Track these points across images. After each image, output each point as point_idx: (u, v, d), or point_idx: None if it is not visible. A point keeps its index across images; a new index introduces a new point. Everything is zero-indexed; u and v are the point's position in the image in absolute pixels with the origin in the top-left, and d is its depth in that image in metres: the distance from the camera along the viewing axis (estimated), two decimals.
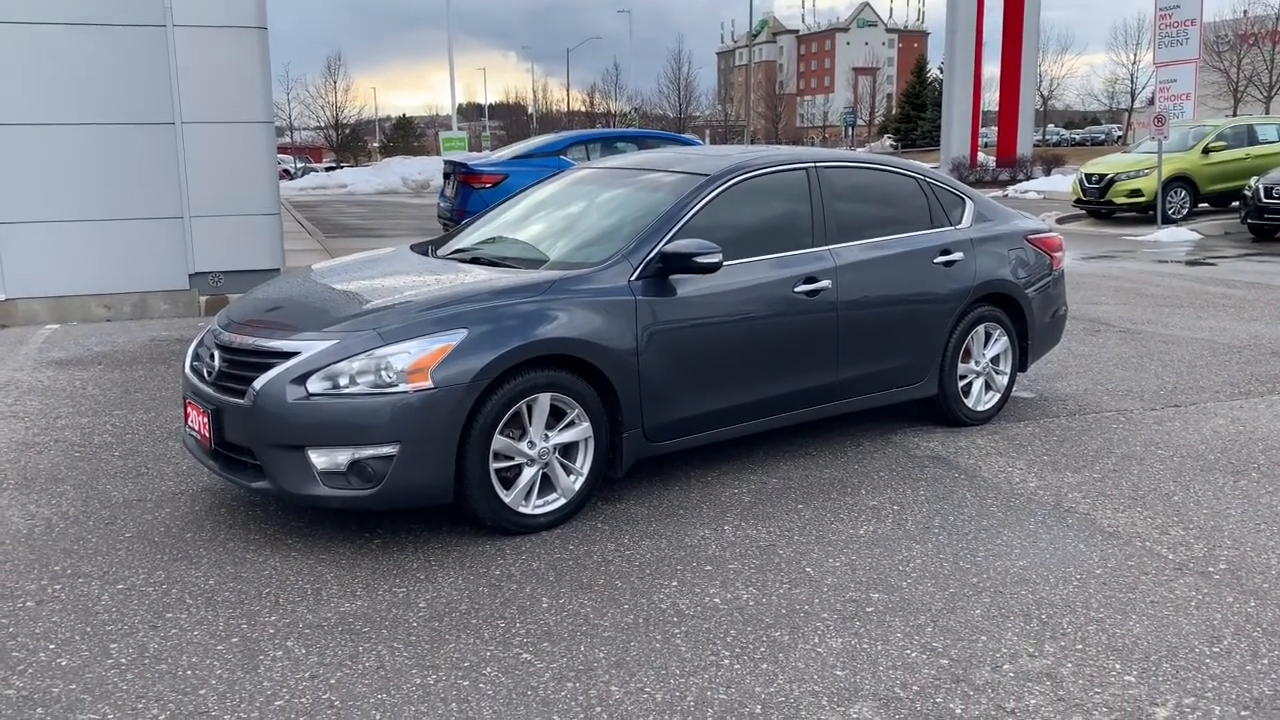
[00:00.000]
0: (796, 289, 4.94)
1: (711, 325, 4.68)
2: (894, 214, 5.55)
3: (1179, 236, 16.68)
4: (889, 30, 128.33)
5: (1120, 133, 72.04)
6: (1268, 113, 41.32)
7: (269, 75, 9.40)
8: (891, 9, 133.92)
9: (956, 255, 5.62)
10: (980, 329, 5.79)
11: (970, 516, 4.45)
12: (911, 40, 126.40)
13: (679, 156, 5.65)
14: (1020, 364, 6.09)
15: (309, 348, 4.03)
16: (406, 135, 74.67)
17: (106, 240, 9.01)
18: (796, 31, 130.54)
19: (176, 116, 9.07)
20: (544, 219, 5.39)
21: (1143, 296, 10.62)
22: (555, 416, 4.28)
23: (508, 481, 4.18)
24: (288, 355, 4.06)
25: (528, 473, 4.22)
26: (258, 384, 4.01)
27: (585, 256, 4.69)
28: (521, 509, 4.22)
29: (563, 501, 4.32)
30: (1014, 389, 6.23)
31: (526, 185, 11.01)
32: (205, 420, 4.22)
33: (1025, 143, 31.54)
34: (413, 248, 5.58)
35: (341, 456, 3.94)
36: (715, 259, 4.48)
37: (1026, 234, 6.10)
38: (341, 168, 44.33)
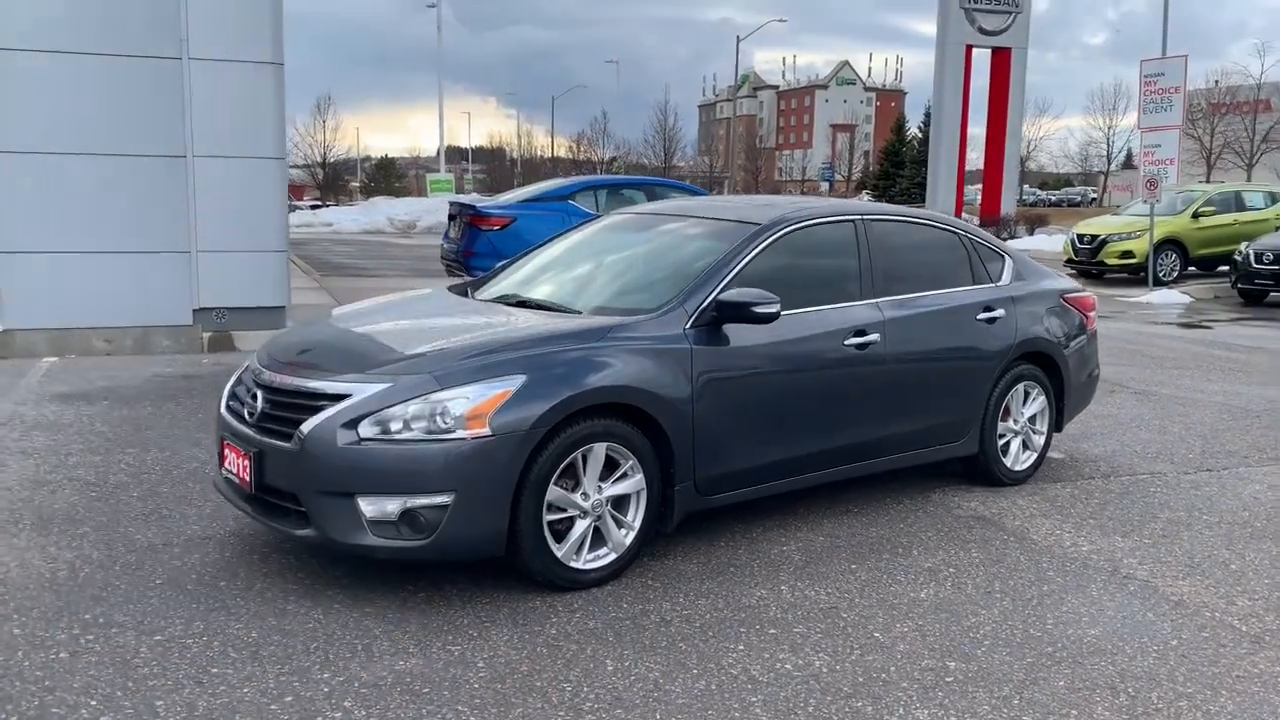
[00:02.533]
0: (846, 342, 4.85)
1: (764, 376, 4.57)
2: (938, 269, 5.49)
3: (1170, 299, 16.81)
4: (867, 89, 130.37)
5: (1095, 195, 73.25)
6: (1249, 180, 42.07)
7: (283, 111, 9.29)
8: (870, 69, 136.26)
9: (999, 312, 5.56)
10: (1019, 387, 5.72)
11: (1029, 581, 4.33)
12: (889, 99, 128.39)
13: (722, 205, 5.58)
14: (1056, 424, 6.01)
15: (361, 390, 3.88)
16: (389, 176, 74.64)
17: (110, 273, 8.81)
18: (777, 87, 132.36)
19: (188, 150, 8.93)
20: (587, 264, 5.28)
21: (1147, 358, 10.63)
22: (608, 468, 4.13)
23: (559, 535, 4.03)
24: (337, 398, 3.90)
25: (580, 526, 4.07)
26: (306, 427, 3.85)
27: (636, 303, 4.57)
28: (573, 563, 4.06)
29: (613, 557, 4.17)
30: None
31: (538, 229, 11.05)
32: (245, 463, 4.04)
33: (1009, 202, 31.91)
34: (451, 289, 5.46)
35: (392, 505, 3.78)
36: (774, 309, 4.38)
37: (1063, 293, 6.06)
38: (327, 206, 44.20)
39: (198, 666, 3.38)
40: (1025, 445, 5.83)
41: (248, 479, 4.04)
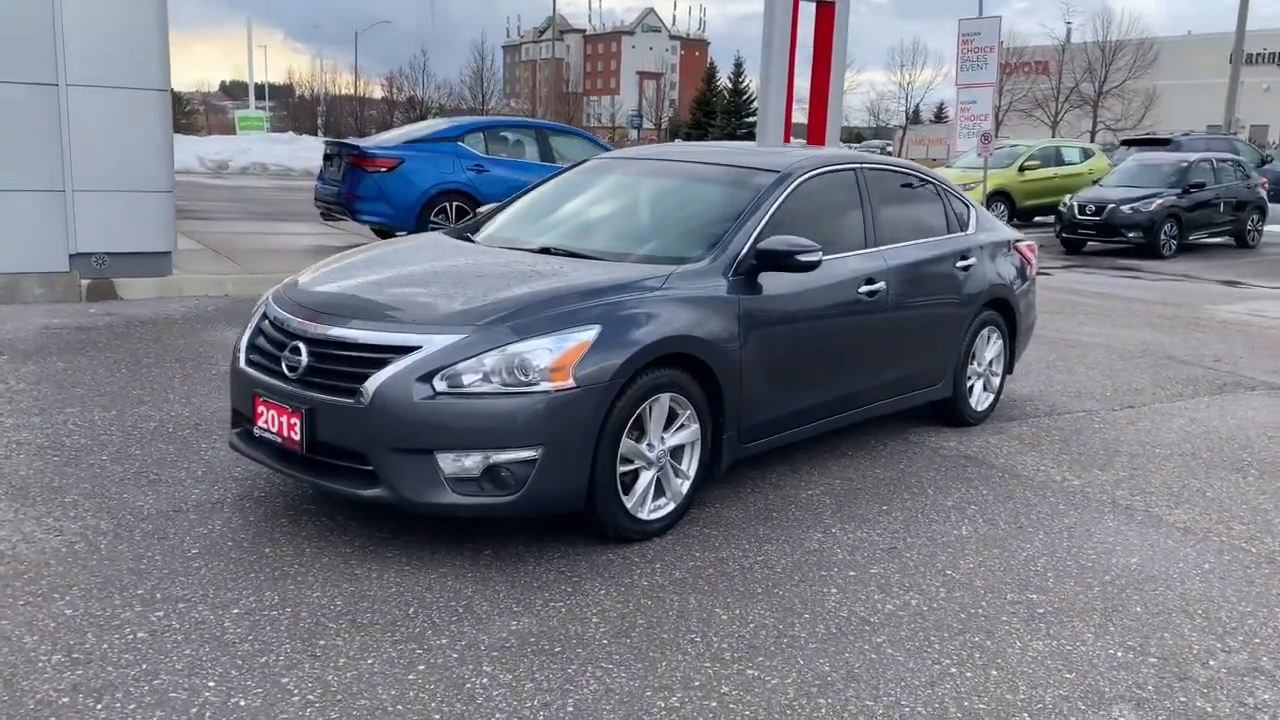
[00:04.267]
0: (860, 290, 4.94)
1: (794, 324, 4.61)
2: (922, 218, 5.65)
3: None
4: (672, 37, 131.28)
5: (891, 149, 76.70)
6: (1054, 136, 44.92)
7: (166, 38, 8.50)
8: (675, 16, 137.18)
9: (972, 260, 5.78)
10: (984, 331, 5.99)
11: (1048, 515, 4.58)
12: (693, 48, 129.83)
13: (721, 151, 5.54)
14: (1008, 366, 6.34)
15: (432, 342, 3.67)
16: (175, 111, 69.73)
17: None
18: (584, 31, 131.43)
19: (60, 78, 8.07)
20: (601, 211, 5.14)
21: None
22: (668, 419, 4.08)
23: (625, 487, 3.96)
24: (404, 350, 3.68)
25: (644, 477, 4.02)
26: (374, 382, 3.62)
27: (674, 251, 4.50)
28: (639, 514, 4.00)
29: (672, 506, 4.14)
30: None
31: (427, 171, 10.65)
32: (294, 421, 3.76)
33: None
34: (447, 233, 5.21)
35: (471, 460, 3.61)
36: (816, 257, 4.41)
37: (1013, 241, 6.36)
38: None
39: (300, 639, 3.16)
40: (985, 387, 6.12)
41: (297, 438, 3.76)
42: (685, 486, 4.18)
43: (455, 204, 10.90)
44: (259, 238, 12.29)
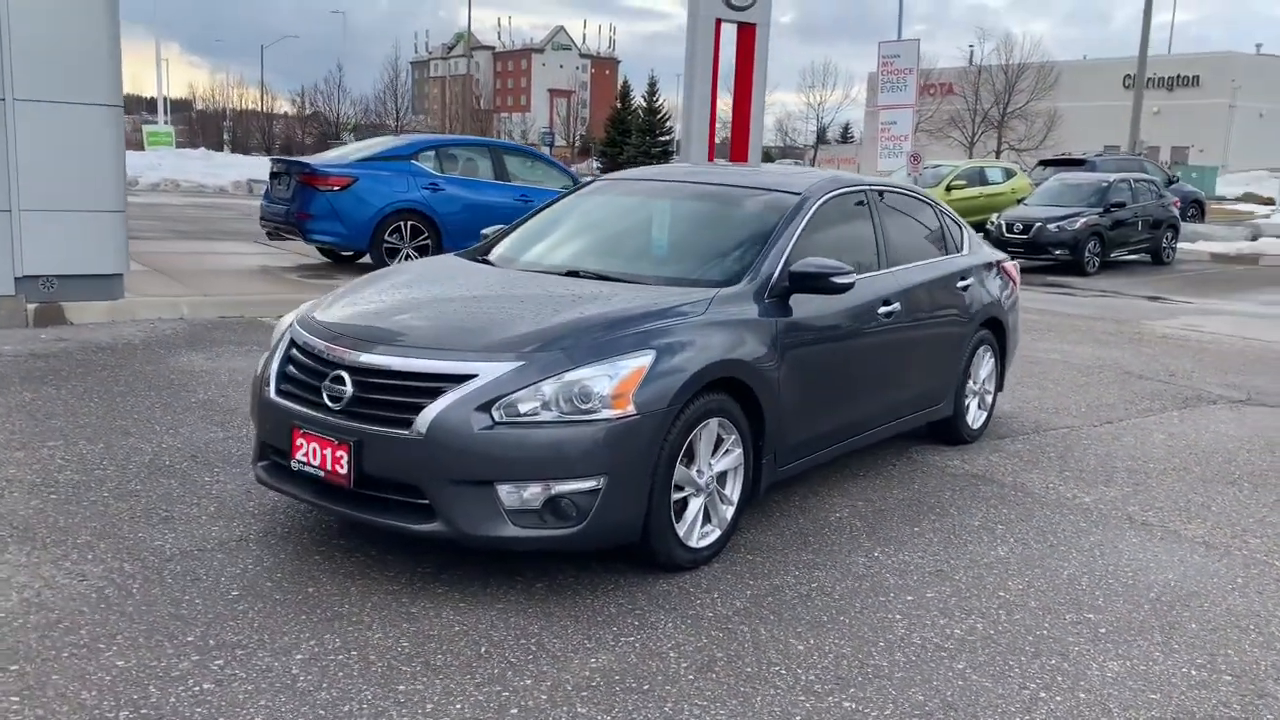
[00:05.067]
0: (879, 310, 4.96)
1: (822, 346, 4.60)
2: (923, 240, 5.71)
3: None
4: (583, 55, 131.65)
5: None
6: (969, 157, 45.90)
7: (118, 50, 8.16)
8: (585, 35, 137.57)
9: (970, 280, 5.86)
10: (980, 350, 6.07)
11: (1072, 533, 4.64)
12: (604, 66, 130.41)
13: (739, 172, 5.54)
14: (999, 383, 6.43)
15: (488, 370, 3.55)
16: None
17: None
18: (493, 48, 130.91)
19: (7, 92, 7.68)
20: (616, 232, 5.07)
21: None
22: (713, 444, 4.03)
23: (676, 514, 3.88)
24: (459, 379, 3.55)
25: (694, 504, 3.95)
26: (430, 412, 3.48)
27: (703, 274, 4.46)
28: (690, 542, 3.93)
29: (718, 534, 4.08)
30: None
31: (381, 190, 10.40)
32: (340, 454, 3.60)
33: None
34: (459, 256, 5.07)
35: (531, 492, 3.50)
36: (851, 279, 4.41)
37: (1000, 261, 6.47)
38: None
39: (377, 685, 3.01)
40: (980, 405, 6.20)
41: (344, 472, 3.60)
42: (730, 512, 4.12)
43: (410, 223, 10.70)
44: (197, 258, 11.87)
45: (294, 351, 3.98)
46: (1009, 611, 3.75)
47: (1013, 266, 6.64)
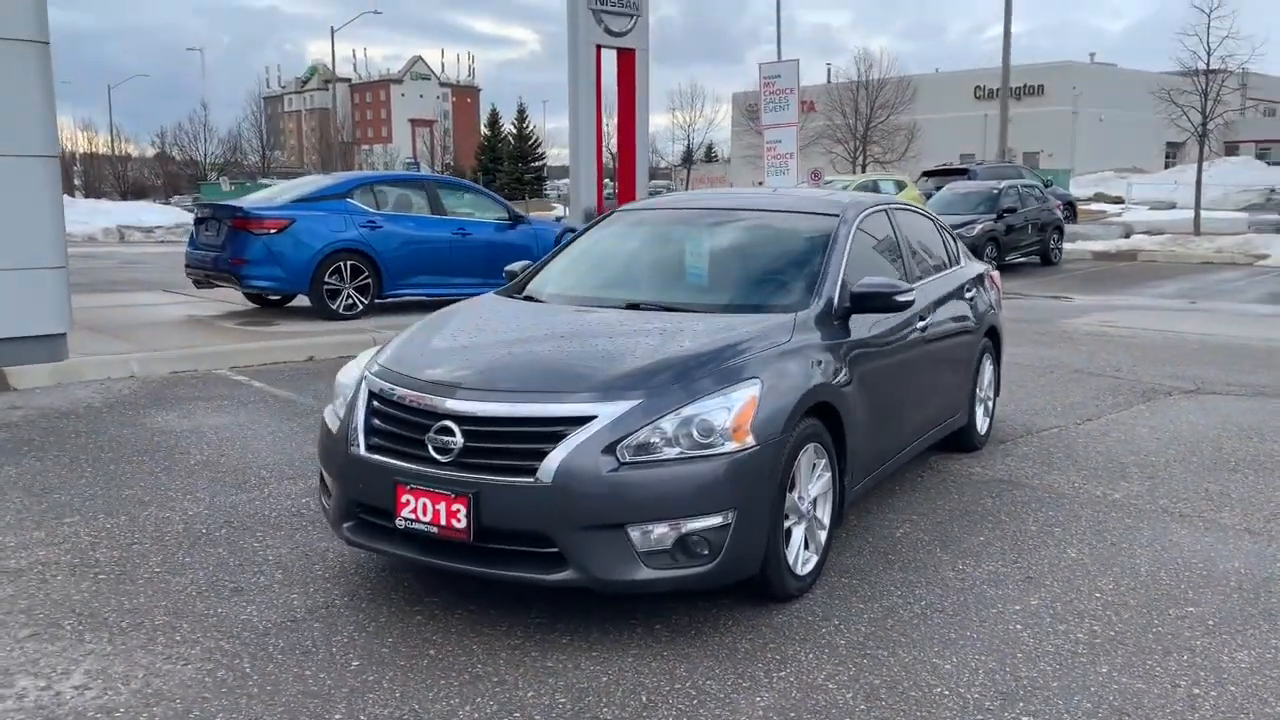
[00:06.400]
0: (917, 325, 5.04)
1: (879, 362, 4.65)
2: (934, 254, 5.84)
3: None
4: (442, 84, 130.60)
5: (674, 187, 78.82)
6: (853, 171, 46.96)
7: (53, 99, 7.70)
8: (444, 64, 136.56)
9: (974, 292, 6.02)
10: (984, 358, 6.23)
11: (1125, 530, 4.78)
12: (465, 95, 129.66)
13: (768, 196, 5.60)
14: (997, 388, 6.61)
15: (607, 410, 3.47)
16: None
17: None
18: (349, 80, 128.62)
19: None
20: (659, 263, 5.02)
21: None
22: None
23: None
24: (578, 421, 3.46)
25: (797, 532, 3.93)
26: (555, 458, 3.38)
27: (763, 300, 4.46)
28: (797, 570, 3.91)
29: (816, 559, 4.07)
30: None
31: (319, 230, 10.06)
32: (457, 508, 3.45)
33: (642, 192, 33.64)
34: (501, 294, 4.94)
35: (660, 532, 3.43)
36: (911, 296, 4.47)
37: (988, 272, 6.67)
38: None
39: None
40: (984, 411, 6.36)
41: (462, 526, 3.45)
42: (823, 536, 4.12)
43: (350, 263, 10.39)
44: (120, 311, 11.26)
45: (376, 404, 3.81)
46: (1115, 612, 3.84)
47: (997, 275, 6.85)
